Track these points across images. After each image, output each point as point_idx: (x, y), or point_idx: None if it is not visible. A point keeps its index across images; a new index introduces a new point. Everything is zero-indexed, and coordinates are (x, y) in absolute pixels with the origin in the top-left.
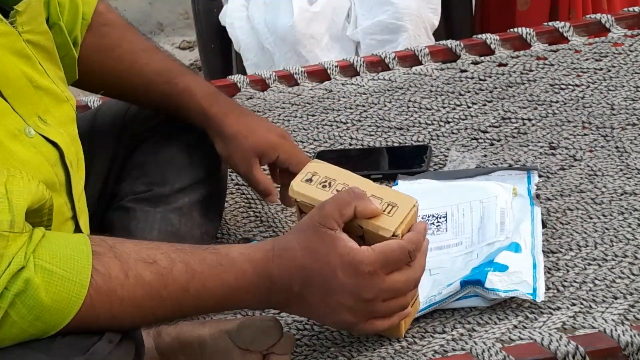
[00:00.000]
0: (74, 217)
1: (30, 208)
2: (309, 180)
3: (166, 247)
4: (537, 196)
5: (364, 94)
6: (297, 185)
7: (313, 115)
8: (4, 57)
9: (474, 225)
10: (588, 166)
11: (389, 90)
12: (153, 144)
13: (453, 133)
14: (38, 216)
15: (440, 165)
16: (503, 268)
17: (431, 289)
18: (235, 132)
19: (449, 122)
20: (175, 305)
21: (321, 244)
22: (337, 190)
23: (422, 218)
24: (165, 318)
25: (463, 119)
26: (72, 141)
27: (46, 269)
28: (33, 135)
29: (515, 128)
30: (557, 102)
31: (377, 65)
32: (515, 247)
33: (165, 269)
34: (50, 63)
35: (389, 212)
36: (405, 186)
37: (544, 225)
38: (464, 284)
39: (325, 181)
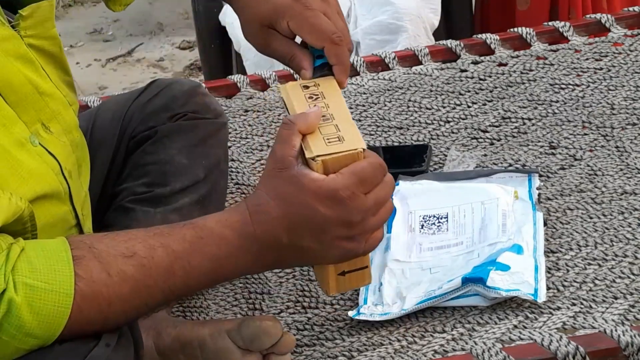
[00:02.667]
0: (78, 225)
1: (7, 223)
2: (306, 87)
3: (143, 234)
4: (539, 201)
5: (364, 93)
6: (291, 86)
7: None
8: (8, 62)
9: (475, 226)
10: (588, 166)
11: (389, 90)
12: (153, 144)
13: (453, 132)
14: (20, 224)
15: (440, 165)
16: (505, 268)
17: (431, 284)
18: (245, 3)
19: (449, 122)
20: (165, 290)
21: (288, 186)
22: (314, 106)
23: (423, 218)
24: (158, 305)
25: (463, 119)
26: (74, 148)
27: (27, 284)
28: (37, 144)
29: (515, 127)
30: (557, 101)
31: (377, 65)
32: (518, 249)
33: (146, 259)
34: (53, 67)
35: (329, 142)
36: (407, 186)
37: (544, 224)
38: (466, 281)
39: (316, 95)
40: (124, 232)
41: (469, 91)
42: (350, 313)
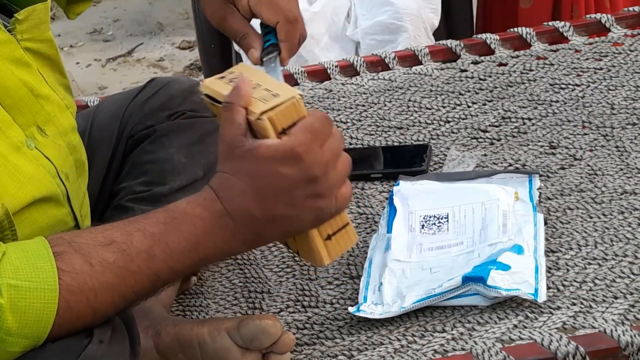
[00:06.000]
0: (77, 226)
1: None
2: (223, 77)
3: (119, 223)
4: (539, 202)
5: (364, 93)
6: (209, 81)
7: None
8: (2, 66)
9: (475, 226)
10: (588, 165)
11: (389, 90)
12: (152, 143)
13: (453, 132)
14: None
15: (440, 165)
16: (505, 267)
17: (430, 282)
18: None
19: (449, 122)
20: (150, 274)
21: (246, 161)
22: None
23: (424, 219)
24: (146, 291)
25: (463, 119)
26: (71, 151)
27: (12, 285)
28: (33, 148)
29: (515, 127)
30: (557, 101)
31: (377, 65)
32: (518, 249)
33: (125, 244)
34: (50, 70)
35: (266, 100)
36: (407, 187)
37: (544, 224)
38: (466, 279)
39: (236, 77)
40: (102, 225)
41: (469, 91)
42: (351, 309)
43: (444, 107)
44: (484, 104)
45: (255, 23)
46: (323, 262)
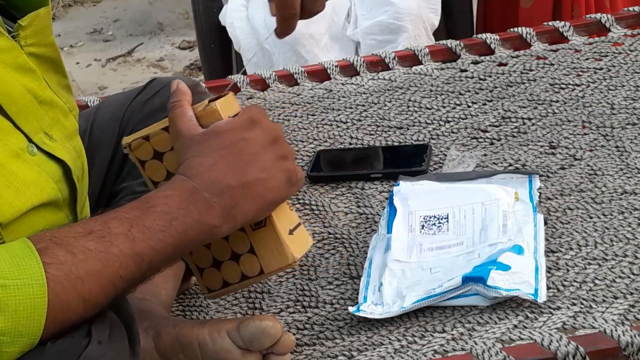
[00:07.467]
0: None
1: None
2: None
3: (97, 216)
4: (539, 202)
5: (364, 93)
6: (125, 139)
7: (313, 115)
8: (6, 74)
9: (475, 227)
10: (588, 165)
11: (389, 89)
12: None
13: (453, 132)
14: None
15: (440, 165)
16: (506, 268)
17: (430, 282)
18: None
19: (449, 122)
20: (133, 256)
21: (207, 140)
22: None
23: (424, 219)
24: (134, 275)
25: (463, 119)
26: (78, 154)
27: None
28: (36, 153)
29: (515, 127)
30: (557, 101)
31: (377, 65)
32: (518, 250)
33: (103, 231)
34: (53, 73)
35: (210, 101)
36: (407, 187)
37: (544, 224)
38: (466, 279)
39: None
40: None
41: (469, 91)
42: (351, 309)
43: (444, 107)
44: (484, 104)
45: None
46: (295, 254)
